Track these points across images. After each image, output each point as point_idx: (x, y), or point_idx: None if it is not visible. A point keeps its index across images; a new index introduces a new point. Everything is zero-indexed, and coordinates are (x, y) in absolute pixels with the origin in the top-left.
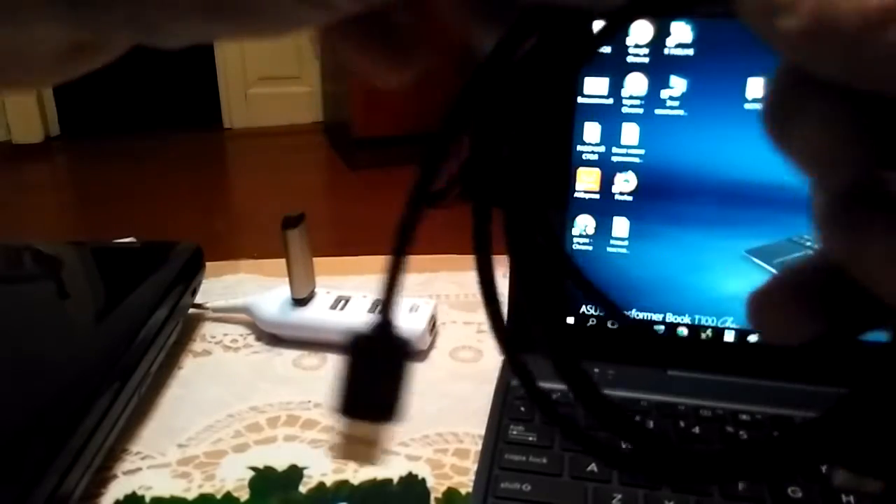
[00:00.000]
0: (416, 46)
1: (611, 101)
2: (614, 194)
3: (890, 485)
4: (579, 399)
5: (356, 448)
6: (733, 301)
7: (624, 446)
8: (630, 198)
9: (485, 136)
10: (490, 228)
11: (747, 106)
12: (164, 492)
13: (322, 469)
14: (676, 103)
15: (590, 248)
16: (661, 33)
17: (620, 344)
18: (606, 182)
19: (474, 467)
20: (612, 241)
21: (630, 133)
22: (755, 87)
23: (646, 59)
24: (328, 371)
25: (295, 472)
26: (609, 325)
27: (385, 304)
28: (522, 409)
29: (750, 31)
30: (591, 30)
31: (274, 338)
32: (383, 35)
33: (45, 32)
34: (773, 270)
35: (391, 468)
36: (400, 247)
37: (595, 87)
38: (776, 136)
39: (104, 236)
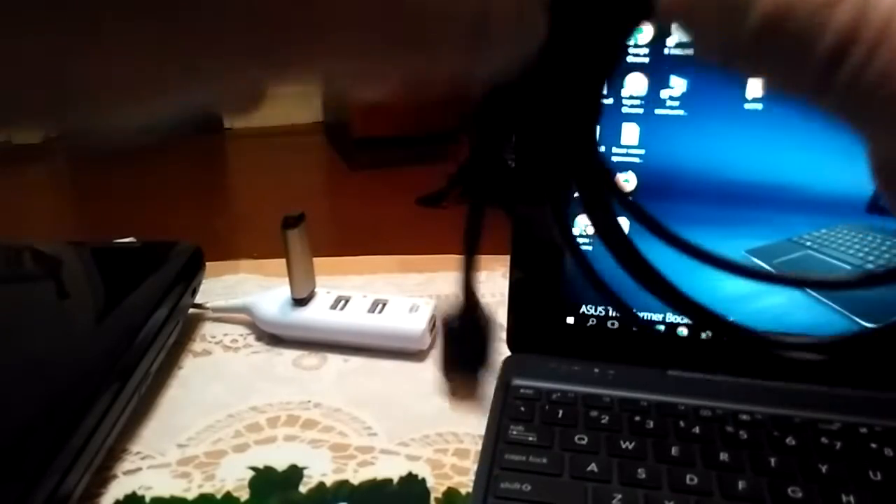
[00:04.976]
0: None
1: (611, 100)
2: None
3: None
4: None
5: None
6: (733, 301)
7: None
8: (629, 198)
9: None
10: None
11: (747, 106)
12: (164, 492)
13: (322, 469)
14: (676, 103)
15: (590, 247)
16: (662, 33)
17: (620, 344)
18: None
19: (474, 467)
20: None
21: (630, 133)
22: (755, 86)
23: (646, 59)
24: (328, 371)
25: (295, 472)
26: (609, 325)
27: (466, 284)
28: (522, 409)
29: None
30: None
31: (274, 338)
32: None
33: None
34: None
35: (391, 468)
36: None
37: None
38: None
39: (104, 236)
